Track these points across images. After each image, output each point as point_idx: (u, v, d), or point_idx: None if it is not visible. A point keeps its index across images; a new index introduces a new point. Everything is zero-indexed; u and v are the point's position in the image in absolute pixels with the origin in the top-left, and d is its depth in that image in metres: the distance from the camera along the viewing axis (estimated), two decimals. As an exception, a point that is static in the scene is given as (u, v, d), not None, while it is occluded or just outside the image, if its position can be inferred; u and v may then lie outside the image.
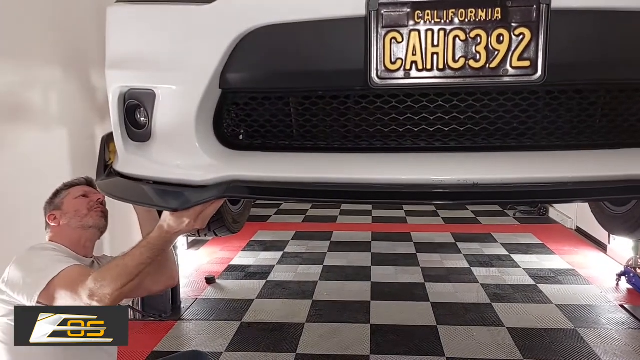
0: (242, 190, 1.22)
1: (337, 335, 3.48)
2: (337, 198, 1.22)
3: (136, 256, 1.43)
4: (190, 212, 1.33)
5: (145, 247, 1.45)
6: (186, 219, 1.35)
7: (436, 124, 1.24)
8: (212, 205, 1.37)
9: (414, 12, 1.06)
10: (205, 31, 1.16)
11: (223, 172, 1.24)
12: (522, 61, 1.07)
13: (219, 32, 1.15)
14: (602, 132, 1.24)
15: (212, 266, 4.95)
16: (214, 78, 1.18)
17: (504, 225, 6.54)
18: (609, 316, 3.79)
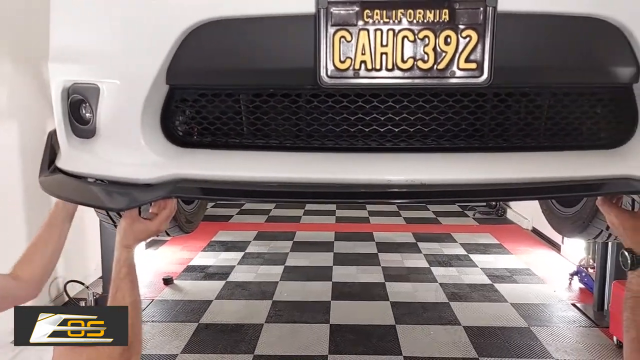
0: (190, 189, 1.20)
1: (296, 336, 3.47)
2: (284, 198, 1.21)
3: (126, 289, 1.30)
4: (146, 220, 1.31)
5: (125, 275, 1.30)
6: (142, 224, 1.31)
7: (387, 125, 1.24)
8: (168, 206, 1.34)
9: (363, 11, 1.06)
10: (150, 24, 1.13)
11: (170, 170, 1.21)
12: (469, 63, 1.08)
13: (165, 26, 1.12)
14: (547, 134, 1.27)
15: (171, 266, 4.86)
16: (161, 73, 1.14)
17: (463, 225, 6.66)
18: (561, 314, 3.90)
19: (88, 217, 3.26)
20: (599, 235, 1.93)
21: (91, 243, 4.06)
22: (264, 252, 5.38)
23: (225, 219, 6.84)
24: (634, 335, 1.19)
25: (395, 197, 1.19)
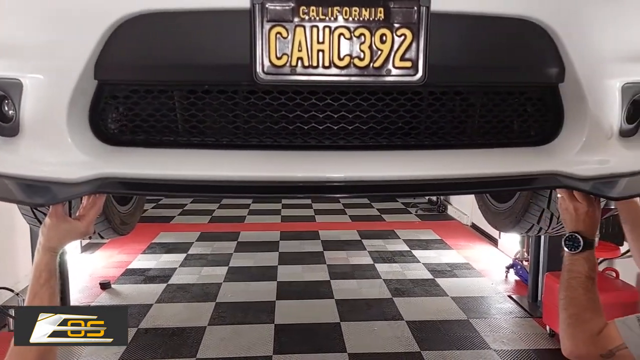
0: (115, 184, 1.15)
1: (240, 337, 3.43)
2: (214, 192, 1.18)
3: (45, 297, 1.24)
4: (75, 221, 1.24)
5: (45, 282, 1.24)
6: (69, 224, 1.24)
7: (325, 122, 1.24)
8: (96, 205, 1.28)
9: (298, 7, 1.05)
10: (76, 16, 1.07)
11: (100, 169, 1.16)
12: (404, 62, 1.10)
13: (92, 18, 1.06)
14: (480, 132, 1.30)
15: (108, 270, 4.69)
16: (88, 68, 1.09)
17: (406, 222, 6.81)
18: (498, 306, 4.05)
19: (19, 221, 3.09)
20: (531, 229, 2.01)
21: (21, 248, 3.85)
22: (207, 253, 5.28)
23: (166, 220, 6.67)
24: (572, 312, 1.28)
25: (332, 192, 1.19)
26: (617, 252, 3.47)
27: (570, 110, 1.28)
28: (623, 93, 1.28)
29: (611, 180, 1.33)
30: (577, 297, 1.29)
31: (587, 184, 1.29)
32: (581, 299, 1.28)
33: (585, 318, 1.26)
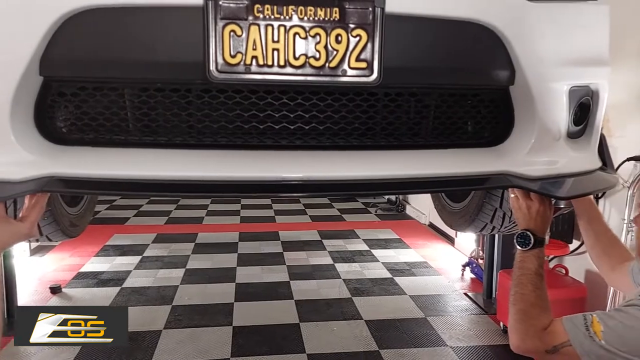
0: (63, 185, 1.11)
1: (197, 340, 3.37)
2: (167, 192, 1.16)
3: None
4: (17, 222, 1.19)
5: None
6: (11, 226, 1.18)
7: (282, 122, 1.23)
8: (38, 205, 1.22)
9: (253, 5, 1.04)
10: (20, 10, 1.03)
11: (46, 169, 1.11)
12: (359, 62, 1.10)
13: (38, 12, 1.02)
14: (434, 133, 1.32)
15: (59, 274, 4.53)
16: (32, 64, 1.05)
17: (366, 222, 6.85)
18: (455, 304, 4.13)
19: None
20: (485, 228, 2.05)
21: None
22: (164, 255, 5.17)
23: (121, 221, 6.50)
24: (520, 307, 1.31)
25: (288, 191, 1.19)
26: (567, 249, 3.59)
27: (521, 113, 1.32)
28: (570, 96, 1.32)
29: (558, 180, 1.37)
30: (526, 293, 1.31)
31: (536, 183, 1.33)
32: (530, 295, 1.31)
33: (532, 314, 1.28)
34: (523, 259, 1.37)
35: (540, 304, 1.30)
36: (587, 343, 1.11)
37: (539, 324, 1.26)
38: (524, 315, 1.29)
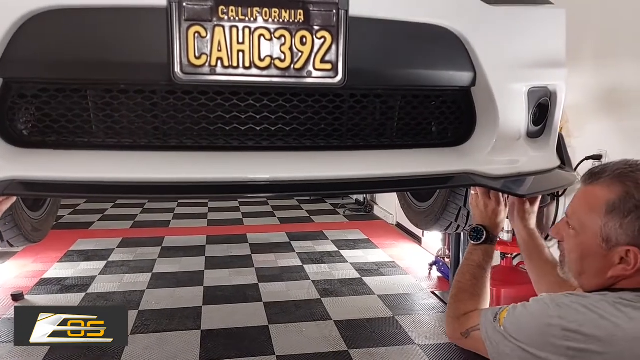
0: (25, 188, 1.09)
1: (165, 345, 3.32)
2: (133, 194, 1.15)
3: None
4: None
5: None
6: None
7: (248, 123, 1.23)
8: None
9: (217, 7, 1.04)
10: (-23, 10, 1.00)
11: (7, 172, 1.09)
12: (324, 64, 1.12)
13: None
14: (399, 133, 1.35)
15: (21, 280, 4.40)
16: (-8, 65, 1.02)
17: (334, 222, 6.87)
18: (422, 302, 4.19)
19: None
20: (450, 227, 2.10)
21: None
22: (130, 259, 5.07)
23: (85, 226, 6.35)
24: (453, 293, 1.33)
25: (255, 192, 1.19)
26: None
27: (482, 113, 1.36)
28: (529, 97, 1.37)
29: (520, 179, 1.42)
30: (463, 281, 1.33)
31: (498, 182, 1.37)
32: (465, 283, 1.33)
33: (460, 298, 1.30)
34: (471, 251, 1.40)
35: (471, 291, 1.31)
36: (490, 328, 1.11)
37: (462, 308, 1.27)
38: (453, 299, 1.31)
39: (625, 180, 0.99)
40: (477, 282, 1.32)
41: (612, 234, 0.99)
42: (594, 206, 1.02)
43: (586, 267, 1.06)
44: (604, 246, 1.01)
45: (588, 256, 1.05)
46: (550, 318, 0.99)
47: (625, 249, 0.98)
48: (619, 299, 0.98)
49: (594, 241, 1.02)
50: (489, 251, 1.39)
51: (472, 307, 1.27)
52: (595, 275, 1.05)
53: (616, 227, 0.98)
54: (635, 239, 0.97)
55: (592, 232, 1.02)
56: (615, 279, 1.03)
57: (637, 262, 0.98)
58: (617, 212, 0.98)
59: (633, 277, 1.00)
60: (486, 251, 1.38)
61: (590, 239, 1.03)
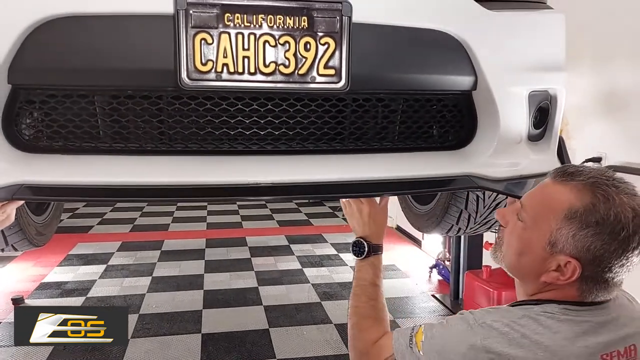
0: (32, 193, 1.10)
1: (166, 349, 3.33)
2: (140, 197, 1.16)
3: None
4: None
5: None
6: None
7: (252, 128, 1.25)
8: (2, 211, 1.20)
9: (223, 14, 1.06)
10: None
11: (14, 177, 1.10)
12: (328, 69, 1.13)
13: (6, 20, 1.01)
14: (401, 137, 1.36)
15: (21, 284, 4.40)
16: (1, 71, 1.04)
17: (333, 226, 6.88)
18: (423, 305, 4.20)
19: None
20: (451, 230, 2.11)
21: None
22: (129, 263, 5.08)
23: (84, 230, 6.35)
24: (354, 321, 1.22)
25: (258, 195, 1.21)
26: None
27: (483, 117, 1.37)
28: (530, 100, 1.39)
29: (521, 181, 1.43)
30: (360, 305, 1.23)
31: (500, 184, 1.39)
32: (363, 307, 1.22)
33: (363, 326, 1.19)
34: (359, 268, 1.30)
35: (373, 315, 1.20)
36: (407, 354, 1.02)
37: (368, 337, 1.16)
38: (357, 329, 1.20)
39: (596, 191, 0.90)
40: (376, 303, 1.23)
41: (561, 240, 0.91)
42: (554, 207, 0.93)
43: (522, 263, 0.99)
44: (548, 249, 0.93)
45: (527, 254, 0.97)
46: (473, 339, 0.92)
47: (567, 259, 0.91)
48: (543, 312, 0.93)
49: (540, 241, 0.94)
50: (376, 263, 1.29)
51: (379, 332, 1.16)
52: (527, 274, 0.99)
53: (568, 236, 0.90)
54: (582, 253, 0.89)
55: (542, 232, 0.94)
56: (545, 285, 0.96)
57: (573, 276, 0.91)
58: (576, 221, 0.89)
59: (563, 288, 0.94)
60: (373, 264, 1.29)
61: (536, 238, 0.95)
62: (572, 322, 0.91)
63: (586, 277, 0.91)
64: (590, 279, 0.91)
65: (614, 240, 0.88)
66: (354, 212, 1.36)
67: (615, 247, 0.88)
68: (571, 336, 0.90)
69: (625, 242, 0.88)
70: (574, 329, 0.91)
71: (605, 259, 0.89)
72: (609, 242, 0.88)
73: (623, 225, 0.87)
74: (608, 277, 0.91)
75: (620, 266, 0.90)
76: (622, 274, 0.91)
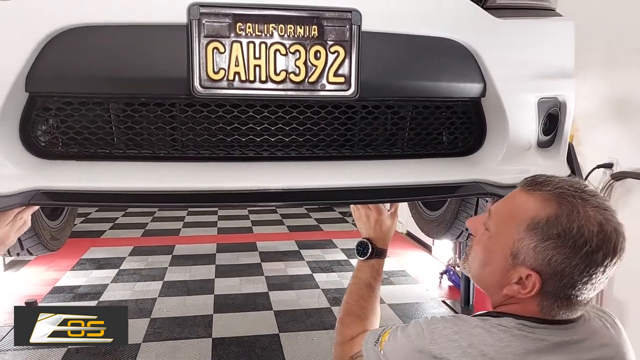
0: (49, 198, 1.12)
1: (177, 353, 3.35)
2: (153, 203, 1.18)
3: None
4: None
5: None
6: None
7: (263, 135, 1.27)
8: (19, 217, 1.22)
9: (235, 23, 1.08)
10: (7, 28, 1.05)
11: (31, 183, 1.13)
12: (338, 77, 1.15)
13: (24, 30, 1.04)
14: (410, 143, 1.38)
15: (35, 288, 4.45)
16: (19, 80, 1.07)
17: (343, 231, 6.88)
18: (433, 312, 4.18)
19: None
20: (461, 235, 2.11)
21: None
22: (141, 268, 5.11)
23: (96, 234, 6.41)
24: (340, 316, 1.25)
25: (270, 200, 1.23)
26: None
27: (492, 123, 1.38)
28: (539, 107, 1.39)
29: (530, 188, 1.43)
30: (349, 302, 1.24)
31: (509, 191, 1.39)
32: (352, 304, 1.24)
33: (345, 322, 1.21)
34: (359, 268, 1.32)
35: (357, 313, 1.22)
36: (372, 352, 1.03)
37: (348, 333, 1.18)
38: (340, 323, 1.23)
39: (562, 202, 0.85)
40: (365, 303, 1.24)
41: (523, 251, 0.87)
42: (517, 217, 0.89)
43: (485, 274, 0.96)
44: (510, 261, 0.89)
45: (490, 264, 0.94)
46: (422, 344, 0.92)
47: (528, 272, 0.87)
48: (498, 324, 0.90)
49: (502, 252, 0.90)
50: (377, 267, 1.31)
51: (358, 330, 1.17)
52: (490, 286, 0.96)
53: (529, 247, 0.86)
54: (542, 266, 0.85)
55: (504, 242, 0.90)
56: (507, 297, 0.93)
57: (534, 289, 0.87)
58: (538, 232, 0.86)
59: (524, 302, 0.90)
60: (373, 267, 1.30)
61: (499, 248, 0.91)
62: (526, 338, 0.87)
63: (547, 293, 0.87)
64: (551, 294, 0.87)
65: (575, 255, 0.83)
66: (361, 216, 1.38)
67: (577, 262, 0.83)
68: (521, 352, 0.86)
69: (588, 257, 0.83)
70: (526, 346, 0.87)
71: (567, 275, 0.84)
72: (570, 257, 0.83)
73: (586, 240, 0.83)
74: (571, 294, 0.86)
75: (584, 284, 0.85)
76: (587, 292, 0.86)
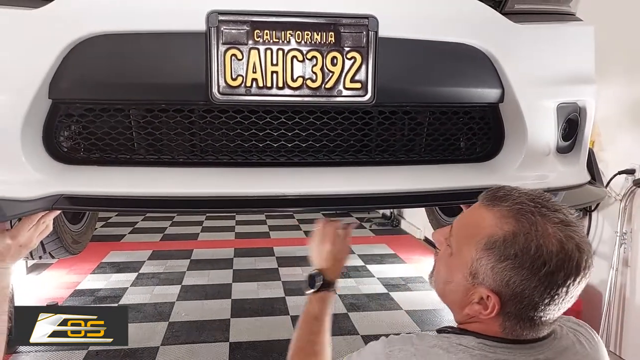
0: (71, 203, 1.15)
1: (194, 356, 3.37)
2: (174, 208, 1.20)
3: None
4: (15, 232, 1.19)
5: None
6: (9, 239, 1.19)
7: (280, 140, 1.28)
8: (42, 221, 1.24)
9: (253, 31, 1.09)
10: (31, 37, 1.07)
11: (53, 188, 1.15)
12: (354, 83, 1.16)
13: (48, 39, 1.07)
14: (428, 149, 1.37)
15: (56, 291, 4.52)
16: (42, 87, 1.09)
17: (360, 237, 6.86)
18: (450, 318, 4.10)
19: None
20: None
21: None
22: (160, 272, 5.16)
23: (116, 238, 6.49)
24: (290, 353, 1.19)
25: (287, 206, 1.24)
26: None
27: (510, 129, 1.37)
28: (558, 112, 1.38)
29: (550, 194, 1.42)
30: (298, 337, 1.20)
31: (527, 197, 1.38)
32: (301, 339, 1.19)
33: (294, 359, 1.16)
34: (308, 301, 1.25)
35: (308, 350, 1.17)
36: None
37: None
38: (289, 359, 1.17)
39: (520, 219, 0.81)
40: (315, 338, 1.18)
41: (481, 271, 0.83)
42: (475, 235, 0.85)
43: (447, 292, 0.94)
44: (470, 280, 0.86)
45: (451, 282, 0.91)
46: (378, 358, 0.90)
47: (487, 293, 0.83)
48: (458, 343, 0.87)
49: (462, 271, 0.87)
50: (326, 299, 1.24)
51: None
52: (452, 304, 0.94)
53: (487, 268, 0.82)
54: (501, 287, 0.81)
55: (464, 261, 0.87)
56: (469, 317, 0.89)
57: (494, 311, 0.83)
58: (495, 252, 0.81)
59: (486, 322, 0.87)
60: (322, 300, 1.23)
61: (459, 266, 0.88)
62: (485, 358, 0.84)
63: (509, 314, 0.84)
64: (513, 315, 0.83)
65: (534, 276, 0.79)
66: (315, 246, 1.34)
67: (537, 283, 0.79)
68: None
69: (548, 278, 0.79)
70: None
71: (527, 297, 0.80)
72: (528, 278, 0.79)
73: (545, 260, 0.78)
74: (534, 315, 0.82)
75: (547, 305, 0.81)
76: (551, 313, 0.83)
